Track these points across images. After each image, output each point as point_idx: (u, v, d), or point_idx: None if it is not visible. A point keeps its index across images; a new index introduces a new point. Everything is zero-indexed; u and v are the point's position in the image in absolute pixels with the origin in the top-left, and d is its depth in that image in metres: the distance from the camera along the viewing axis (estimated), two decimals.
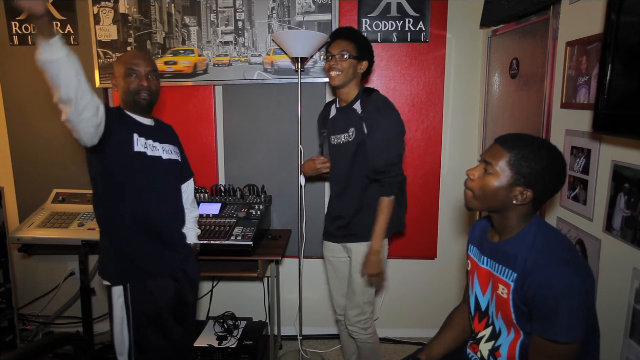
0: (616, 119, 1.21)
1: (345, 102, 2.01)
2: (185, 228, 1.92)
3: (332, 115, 2.10)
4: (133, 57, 1.67)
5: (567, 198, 1.77)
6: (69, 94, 1.33)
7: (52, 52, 1.26)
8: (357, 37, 1.95)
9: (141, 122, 1.73)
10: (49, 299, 2.93)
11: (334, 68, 1.91)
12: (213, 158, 2.77)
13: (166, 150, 1.77)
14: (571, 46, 1.73)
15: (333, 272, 2.21)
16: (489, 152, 1.24)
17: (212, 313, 2.86)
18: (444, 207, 2.78)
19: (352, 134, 1.95)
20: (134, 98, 1.67)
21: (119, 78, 1.68)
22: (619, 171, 1.45)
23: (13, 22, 2.69)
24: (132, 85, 1.65)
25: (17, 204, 2.86)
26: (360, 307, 2.06)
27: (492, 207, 1.26)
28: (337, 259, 2.17)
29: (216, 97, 2.74)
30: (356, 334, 2.10)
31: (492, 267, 1.31)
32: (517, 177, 1.18)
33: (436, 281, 2.88)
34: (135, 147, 1.64)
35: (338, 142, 2.02)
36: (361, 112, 1.93)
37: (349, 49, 1.91)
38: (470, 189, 1.27)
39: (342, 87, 1.96)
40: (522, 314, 1.21)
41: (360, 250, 1.99)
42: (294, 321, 2.89)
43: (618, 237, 1.46)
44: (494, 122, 2.51)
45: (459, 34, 2.63)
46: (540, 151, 1.18)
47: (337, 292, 2.22)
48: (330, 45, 1.97)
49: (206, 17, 2.64)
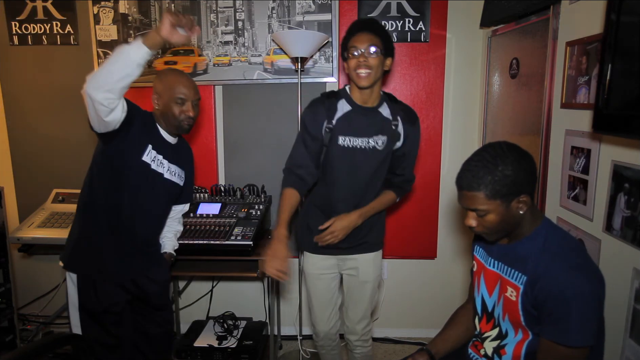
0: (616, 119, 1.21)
1: (365, 102, 1.76)
2: (165, 237, 1.95)
3: (343, 112, 1.77)
4: (181, 83, 1.67)
5: (567, 198, 1.77)
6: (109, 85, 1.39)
7: (140, 57, 1.38)
8: (383, 31, 1.70)
9: (164, 137, 1.75)
10: (49, 299, 2.93)
11: (363, 65, 1.64)
12: (213, 158, 2.77)
13: (171, 170, 1.77)
14: (571, 46, 1.73)
15: (317, 291, 1.97)
16: (465, 200, 1.22)
17: (212, 313, 2.86)
18: (444, 207, 2.78)
19: (383, 142, 1.76)
20: (178, 124, 1.70)
21: (163, 97, 1.67)
22: (619, 171, 1.45)
23: (13, 22, 2.69)
24: (179, 112, 1.67)
25: (17, 204, 2.86)
26: (368, 317, 2.00)
27: (511, 229, 1.25)
28: (325, 275, 1.96)
29: (216, 97, 2.74)
30: (360, 349, 2.02)
31: (501, 270, 1.30)
32: (505, 198, 1.17)
33: (436, 281, 2.88)
34: (144, 156, 1.65)
35: (354, 146, 1.76)
36: (392, 120, 1.78)
37: (377, 43, 1.65)
38: (481, 232, 1.27)
39: (368, 88, 1.71)
40: (531, 317, 1.20)
41: (369, 259, 1.92)
42: (294, 321, 2.89)
43: (618, 237, 1.46)
44: (494, 122, 2.51)
45: (459, 34, 2.63)
46: (498, 165, 1.16)
47: (322, 316, 1.99)
48: (351, 38, 1.68)
49: (206, 17, 2.64)
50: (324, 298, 1.99)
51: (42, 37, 2.71)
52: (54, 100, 2.72)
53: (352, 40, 1.68)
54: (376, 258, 1.96)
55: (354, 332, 2.00)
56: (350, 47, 1.68)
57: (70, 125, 2.72)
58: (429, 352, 1.46)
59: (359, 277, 1.94)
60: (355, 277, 1.95)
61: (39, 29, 2.70)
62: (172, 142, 1.78)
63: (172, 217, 1.97)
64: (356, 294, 1.97)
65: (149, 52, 1.39)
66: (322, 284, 1.97)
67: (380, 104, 1.79)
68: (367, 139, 1.76)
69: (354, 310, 1.99)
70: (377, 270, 1.97)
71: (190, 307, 2.95)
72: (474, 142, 2.72)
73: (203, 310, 2.91)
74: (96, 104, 1.40)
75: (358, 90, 1.74)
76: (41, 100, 2.74)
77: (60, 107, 2.73)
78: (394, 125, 1.78)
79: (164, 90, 1.67)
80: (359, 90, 1.74)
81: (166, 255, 1.93)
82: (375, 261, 1.96)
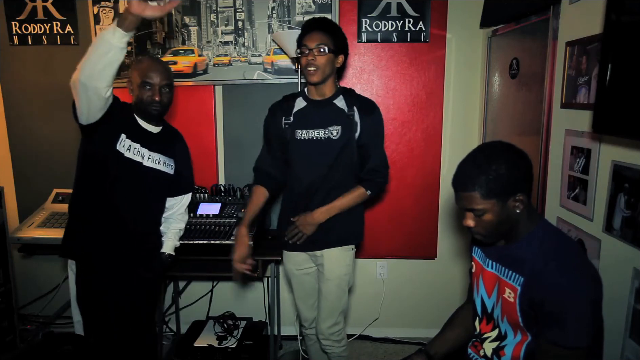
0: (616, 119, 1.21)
1: (321, 96, 1.87)
2: (165, 236, 1.95)
3: (299, 107, 1.91)
4: (150, 68, 1.69)
5: (567, 198, 1.77)
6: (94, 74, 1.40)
7: (117, 39, 1.35)
8: (334, 29, 1.81)
9: (142, 126, 1.76)
10: (49, 299, 2.92)
11: (311, 64, 1.76)
12: (213, 158, 2.77)
13: (154, 159, 1.77)
14: (571, 46, 1.73)
15: (299, 285, 2.07)
16: (461, 201, 1.23)
17: (212, 313, 2.86)
18: (444, 207, 2.78)
19: (338, 132, 1.82)
20: (145, 108, 1.71)
21: (134, 85, 1.70)
22: (619, 171, 1.45)
23: (13, 22, 2.69)
24: (145, 97, 1.69)
25: (17, 204, 2.86)
26: (334, 317, 1.96)
27: (508, 229, 1.25)
28: (302, 271, 2.03)
29: (216, 97, 2.74)
30: (330, 348, 2.00)
31: (499, 271, 1.30)
32: (501, 198, 1.17)
33: (436, 281, 2.88)
34: (118, 145, 1.66)
35: (310, 138, 1.85)
36: (348, 110, 1.84)
37: (327, 42, 1.77)
38: (478, 233, 1.26)
39: (320, 84, 1.83)
40: (529, 318, 1.20)
41: (333, 256, 1.92)
42: (294, 321, 2.89)
43: (618, 237, 1.46)
44: (494, 122, 2.51)
45: (459, 34, 2.63)
46: (491, 164, 1.16)
47: (304, 305, 2.10)
48: (304, 37, 1.80)
49: (206, 17, 2.64)
50: (302, 292, 2.09)
51: (42, 37, 2.71)
52: (54, 100, 2.72)
53: (303, 39, 1.80)
54: (342, 255, 1.93)
55: (320, 330, 2.01)
56: (302, 46, 1.80)
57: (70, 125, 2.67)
58: (428, 353, 1.46)
59: (324, 274, 1.95)
60: (321, 273, 1.97)
61: (39, 29, 2.70)
62: (154, 130, 1.79)
63: (172, 212, 1.96)
64: (322, 291, 1.97)
65: (125, 33, 1.34)
66: (296, 280, 2.07)
67: (335, 97, 1.87)
68: (322, 130, 1.84)
69: (320, 308, 2.00)
70: (342, 268, 1.94)
71: (190, 307, 2.95)
72: (473, 142, 2.71)
73: (203, 310, 2.91)
74: (90, 93, 1.42)
75: (312, 87, 1.87)
76: (41, 100, 2.74)
77: (60, 107, 2.72)
78: (349, 115, 1.84)
79: (135, 77, 1.70)
80: (313, 86, 1.86)
81: (164, 257, 1.92)
82: (341, 258, 1.93)
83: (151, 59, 1.77)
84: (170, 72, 1.75)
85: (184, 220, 2.03)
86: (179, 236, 2.02)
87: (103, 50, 1.36)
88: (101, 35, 1.36)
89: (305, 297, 2.09)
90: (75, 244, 1.75)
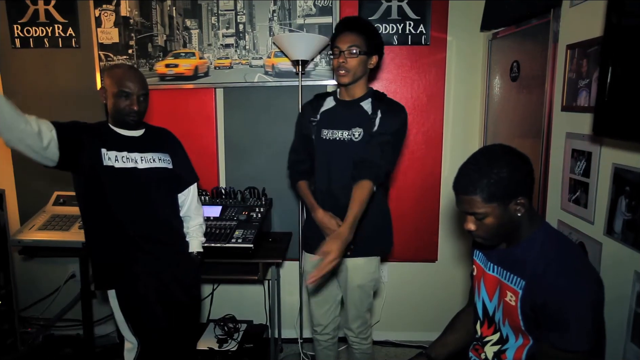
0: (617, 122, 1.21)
1: (350, 97, 1.85)
2: (188, 236, 1.94)
3: (327, 107, 1.89)
4: (126, 77, 1.66)
5: (568, 201, 1.77)
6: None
7: None
8: (367, 29, 1.76)
9: (122, 134, 1.74)
10: (50, 301, 2.93)
11: (342, 66, 1.73)
12: (214, 160, 2.77)
13: (147, 159, 1.75)
14: (572, 49, 1.73)
15: (314, 289, 2.02)
16: (462, 204, 1.22)
17: (213, 316, 2.86)
18: (445, 209, 2.78)
19: (360, 134, 1.78)
20: (123, 118, 1.69)
21: (109, 93, 1.67)
22: (620, 174, 1.45)
23: (15, 25, 2.70)
24: (122, 106, 1.67)
25: (18, 207, 2.86)
26: (362, 317, 1.99)
27: (509, 233, 1.24)
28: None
29: (217, 100, 2.74)
30: (357, 345, 2.04)
31: (500, 274, 1.30)
32: (502, 201, 1.17)
33: (437, 284, 2.87)
34: (105, 161, 1.65)
35: (334, 138, 1.82)
36: (371, 113, 1.80)
37: (359, 44, 1.72)
38: (479, 236, 1.26)
39: (350, 85, 1.80)
40: (530, 322, 1.20)
41: (358, 265, 1.89)
42: (294, 324, 2.89)
43: (619, 241, 1.45)
44: (495, 125, 2.51)
45: (459, 37, 2.63)
46: (493, 168, 1.16)
47: (320, 310, 2.06)
48: (336, 38, 1.76)
49: (207, 20, 2.65)
50: (319, 296, 2.03)
51: (44, 40, 2.71)
52: (56, 102, 2.72)
53: (336, 40, 1.77)
54: (367, 264, 1.91)
55: (349, 328, 2.03)
56: (333, 47, 1.77)
57: None
58: (429, 356, 1.45)
59: (348, 282, 1.93)
60: (345, 280, 1.95)
61: (41, 32, 2.71)
62: (137, 134, 1.77)
63: (186, 208, 1.93)
64: (348, 296, 1.97)
65: None
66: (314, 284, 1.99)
67: (364, 99, 1.83)
68: (346, 131, 1.81)
69: (347, 310, 2.00)
70: (367, 276, 1.92)
71: None
72: (474, 145, 2.71)
73: (204, 312, 2.91)
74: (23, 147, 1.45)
75: (343, 87, 1.85)
76: (43, 102, 2.74)
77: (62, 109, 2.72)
78: (372, 118, 1.79)
79: (110, 85, 1.67)
80: (343, 87, 1.84)
81: (193, 256, 1.92)
82: (366, 268, 1.91)
83: (126, 66, 1.72)
84: (145, 81, 1.73)
85: (199, 213, 2.00)
86: (201, 231, 1.99)
87: None
88: None
89: (322, 302, 2.05)
90: (108, 275, 1.73)
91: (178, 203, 1.91)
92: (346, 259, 1.89)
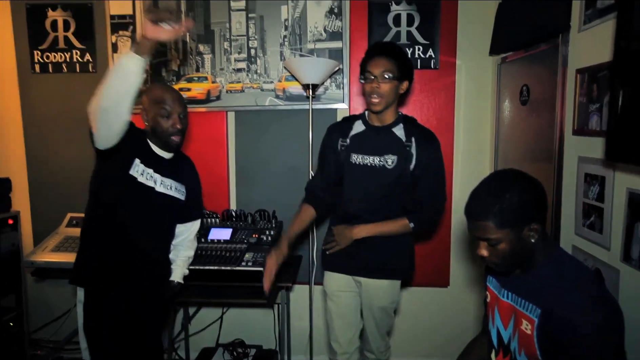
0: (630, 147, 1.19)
1: (380, 122, 1.84)
2: (174, 263, 1.95)
3: (357, 131, 1.88)
4: (167, 96, 1.69)
5: (582, 226, 1.73)
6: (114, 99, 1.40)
7: (134, 65, 1.35)
8: (400, 54, 1.77)
9: (156, 152, 1.76)
10: (60, 323, 2.92)
11: (375, 92, 1.72)
12: (224, 183, 2.79)
13: (166, 185, 1.78)
14: (581, 73, 1.73)
15: (337, 309, 1.98)
16: (475, 230, 1.21)
17: (222, 340, 2.83)
18: (456, 234, 2.74)
19: (393, 162, 1.78)
20: (165, 140, 1.71)
21: (150, 113, 1.70)
22: (635, 199, 1.42)
23: (35, 51, 2.79)
24: (167, 126, 1.69)
25: (32, 228, 2.90)
26: (383, 337, 2.02)
27: (523, 259, 1.22)
28: (344, 292, 1.97)
29: (229, 123, 2.78)
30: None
31: (515, 302, 1.27)
32: (515, 227, 1.15)
33: (449, 310, 2.82)
34: (131, 170, 1.66)
35: (365, 163, 1.82)
36: (406, 140, 1.79)
37: (392, 69, 1.72)
38: (492, 262, 1.24)
39: (382, 111, 1.80)
40: (548, 352, 1.16)
41: (378, 287, 1.89)
42: (304, 350, 2.84)
43: (637, 268, 1.42)
44: (505, 148, 2.50)
45: (468, 61, 2.65)
46: (505, 193, 1.14)
47: (342, 330, 1.98)
48: (368, 63, 1.75)
49: (220, 45, 2.71)
50: (344, 318, 1.98)
51: (62, 66, 2.80)
52: (72, 126, 2.78)
53: (368, 65, 1.75)
54: (388, 287, 1.91)
55: (370, 350, 2.04)
56: (366, 72, 1.76)
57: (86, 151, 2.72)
58: None
59: (368, 303, 1.94)
60: (366, 300, 1.95)
61: (60, 58, 2.79)
62: (167, 157, 1.79)
63: (182, 239, 1.96)
64: (367, 317, 1.97)
65: (141, 58, 1.36)
66: (339, 301, 1.98)
67: (395, 125, 1.83)
68: (378, 157, 1.80)
69: (367, 331, 2.01)
70: (387, 298, 1.93)
71: (199, 334, 2.92)
72: (485, 169, 2.70)
73: (212, 337, 2.88)
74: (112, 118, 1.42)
75: (373, 113, 1.83)
76: (59, 126, 2.81)
77: (78, 133, 2.79)
78: (407, 145, 1.79)
79: (151, 106, 1.69)
80: (373, 112, 1.83)
81: (172, 284, 1.92)
82: (388, 290, 1.91)
83: (164, 86, 1.77)
84: (183, 99, 1.77)
85: (193, 247, 2.03)
86: (188, 264, 2.01)
87: (121, 76, 1.37)
88: (119, 62, 1.38)
89: (346, 326, 1.99)
90: (85, 272, 1.74)
91: (175, 230, 1.94)
92: (366, 280, 1.90)
